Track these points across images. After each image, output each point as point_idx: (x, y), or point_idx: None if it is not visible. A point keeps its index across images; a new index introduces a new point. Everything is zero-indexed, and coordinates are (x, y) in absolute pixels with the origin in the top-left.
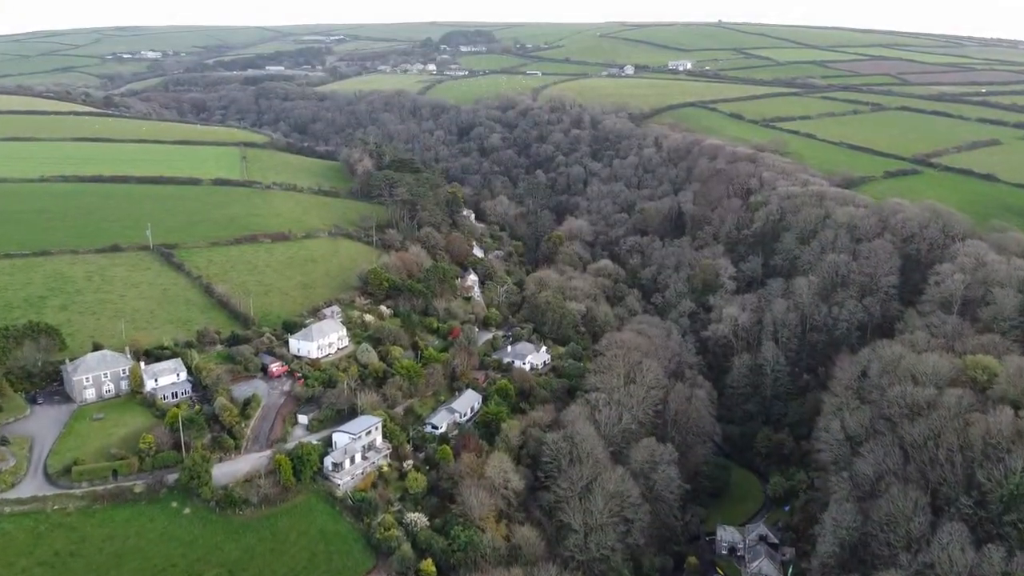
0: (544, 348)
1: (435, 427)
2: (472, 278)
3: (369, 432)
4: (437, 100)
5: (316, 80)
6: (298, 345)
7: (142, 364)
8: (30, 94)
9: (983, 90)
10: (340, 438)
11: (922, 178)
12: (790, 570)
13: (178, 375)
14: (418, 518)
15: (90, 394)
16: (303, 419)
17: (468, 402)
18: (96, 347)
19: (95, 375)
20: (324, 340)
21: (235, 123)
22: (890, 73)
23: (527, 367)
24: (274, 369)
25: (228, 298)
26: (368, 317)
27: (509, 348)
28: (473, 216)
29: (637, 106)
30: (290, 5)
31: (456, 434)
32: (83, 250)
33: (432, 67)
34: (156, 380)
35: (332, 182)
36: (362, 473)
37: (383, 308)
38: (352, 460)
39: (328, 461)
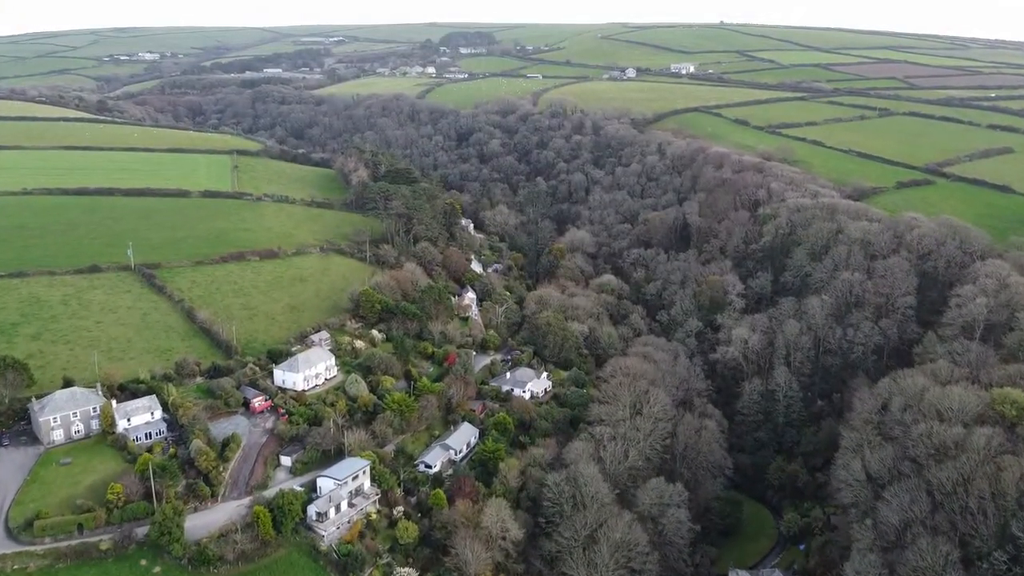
0: (545, 374)
1: (428, 466)
2: (470, 296)
3: (356, 476)
4: (436, 104)
5: (314, 83)
6: (283, 376)
7: (114, 403)
8: (23, 98)
9: (992, 95)
10: (325, 484)
11: (935, 189)
12: None
13: (152, 414)
14: (408, 574)
15: (58, 435)
16: (286, 461)
17: (464, 437)
18: (67, 383)
19: (63, 415)
20: (311, 371)
21: (230, 128)
22: (896, 76)
23: (527, 395)
24: (256, 404)
25: (211, 324)
26: (359, 343)
27: (508, 375)
28: (472, 226)
29: (639, 111)
30: (290, 5)
31: (451, 473)
32: (61, 271)
33: (431, 69)
34: (128, 420)
35: (326, 192)
36: (348, 522)
37: (375, 333)
38: (337, 508)
39: (311, 510)
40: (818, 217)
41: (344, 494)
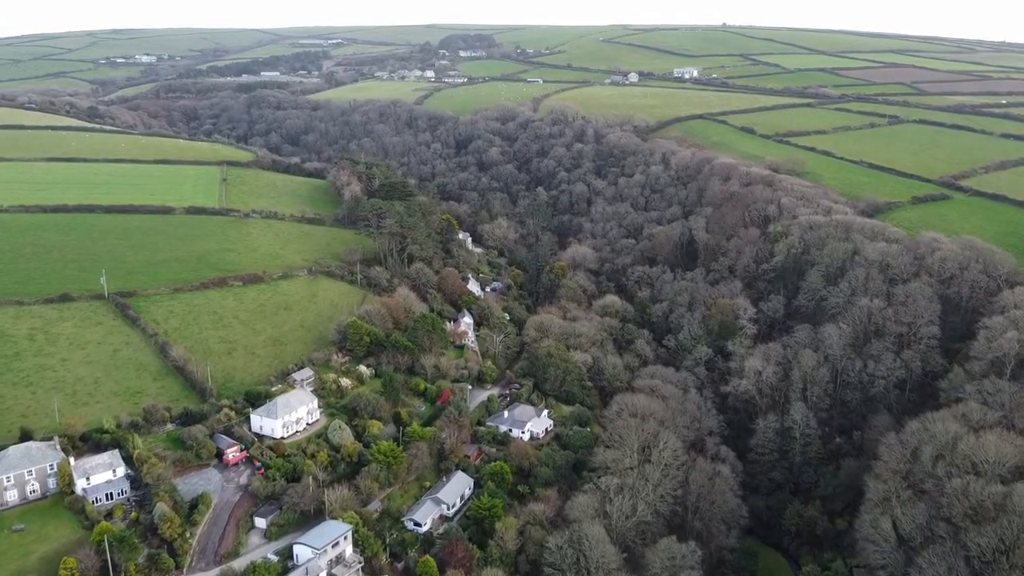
0: (546, 411)
1: (417, 524)
2: (466, 321)
3: (337, 543)
4: (434, 111)
5: (311, 87)
6: (261, 422)
7: (72, 460)
8: (12, 105)
9: (1003, 101)
10: (302, 553)
11: (952, 204)
12: None
13: (114, 471)
14: None
15: (12, 496)
16: (260, 523)
17: (457, 489)
18: (24, 435)
19: (18, 473)
20: (291, 416)
21: (223, 136)
22: (904, 81)
23: (526, 437)
24: (230, 456)
25: (185, 362)
26: (345, 381)
27: (506, 413)
28: (470, 240)
29: (643, 118)
30: (289, 7)
31: (442, 532)
32: (30, 300)
33: (430, 73)
34: (88, 479)
35: (318, 207)
36: None
37: (363, 368)
38: None
39: None
40: (832, 236)
41: (323, 564)
